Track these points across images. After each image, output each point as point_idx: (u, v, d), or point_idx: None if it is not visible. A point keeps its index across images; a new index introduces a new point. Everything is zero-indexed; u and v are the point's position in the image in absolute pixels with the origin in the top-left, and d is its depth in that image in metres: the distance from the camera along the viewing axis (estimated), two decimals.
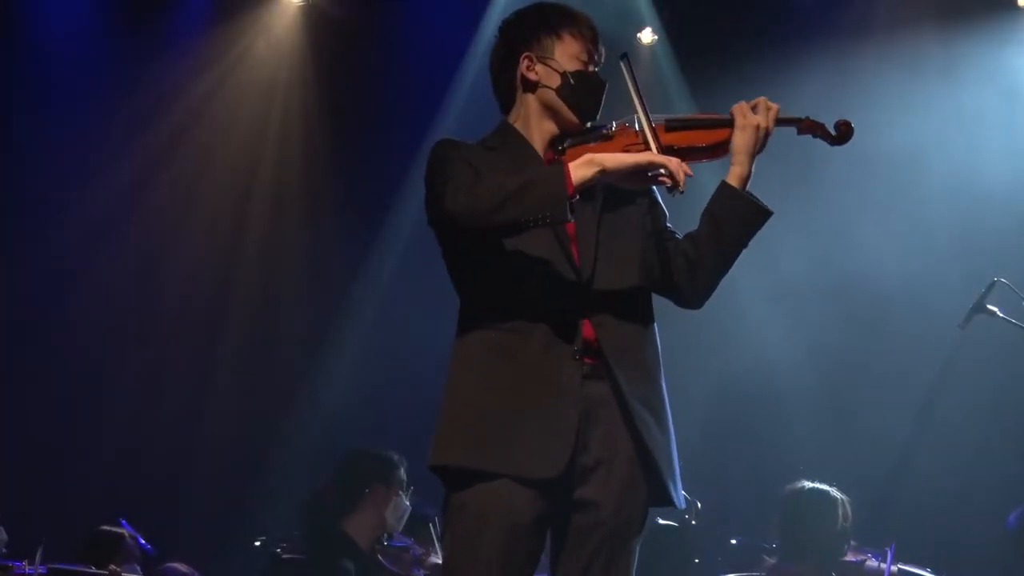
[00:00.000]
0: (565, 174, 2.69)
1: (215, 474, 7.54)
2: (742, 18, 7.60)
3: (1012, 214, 7.24)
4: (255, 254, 7.88)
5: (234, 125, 7.81)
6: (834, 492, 5.18)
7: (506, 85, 3.08)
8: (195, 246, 7.79)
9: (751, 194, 2.92)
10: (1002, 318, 5.34)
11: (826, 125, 2.99)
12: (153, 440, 7.46)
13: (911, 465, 7.32)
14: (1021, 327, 5.30)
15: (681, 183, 2.71)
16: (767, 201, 2.94)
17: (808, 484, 5.24)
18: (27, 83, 7.39)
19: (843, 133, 2.98)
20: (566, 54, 3.01)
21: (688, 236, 2.98)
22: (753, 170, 2.92)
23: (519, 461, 2.74)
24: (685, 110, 7.73)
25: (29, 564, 5.04)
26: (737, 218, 2.91)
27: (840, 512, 5.14)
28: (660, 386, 2.92)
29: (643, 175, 2.75)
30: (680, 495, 2.90)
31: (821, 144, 3.05)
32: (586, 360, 2.81)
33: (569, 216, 2.71)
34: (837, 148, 3.03)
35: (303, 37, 7.91)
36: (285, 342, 7.96)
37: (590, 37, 3.05)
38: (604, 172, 2.72)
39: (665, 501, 2.87)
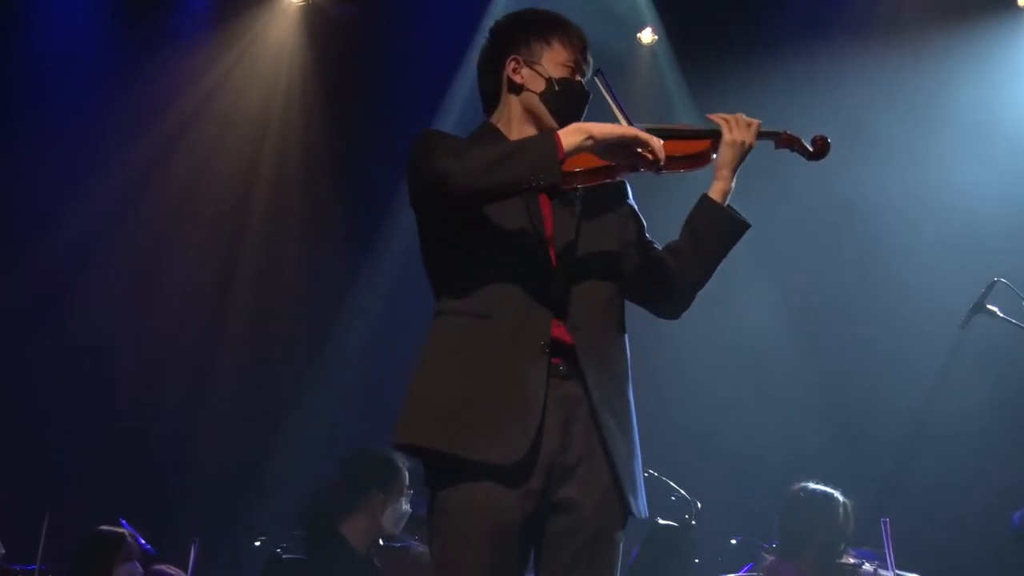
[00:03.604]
0: (556, 139, 2.72)
1: (215, 474, 7.54)
2: (742, 18, 7.60)
3: (1013, 214, 7.23)
4: (255, 254, 7.89)
5: (234, 125, 7.81)
6: (837, 495, 5.19)
7: (491, 86, 3.08)
8: (195, 246, 7.79)
9: (732, 208, 2.98)
10: (1002, 318, 5.34)
11: (803, 140, 3.04)
12: (153, 440, 7.46)
13: (911, 465, 7.31)
14: (1021, 327, 5.30)
15: (663, 161, 2.74)
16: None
17: (812, 484, 5.27)
18: (28, 82, 7.40)
19: (819, 148, 3.04)
20: (554, 61, 3.01)
21: (667, 248, 3.00)
22: (734, 185, 2.97)
23: (480, 446, 2.71)
24: (686, 109, 7.73)
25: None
26: (718, 232, 2.96)
27: (840, 512, 5.15)
28: (627, 395, 2.91)
29: (628, 148, 2.76)
30: (641, 505, 2.87)
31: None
32: (554, 360, 2.80)
33: (560, 179, 2.71)
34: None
35: (303, 37, 7.92)
36: (286, 341, 7.96)
37: (579, 47, 3.04)
38: (592, 139, 2.73)
39: (626, 510, 2.84)
